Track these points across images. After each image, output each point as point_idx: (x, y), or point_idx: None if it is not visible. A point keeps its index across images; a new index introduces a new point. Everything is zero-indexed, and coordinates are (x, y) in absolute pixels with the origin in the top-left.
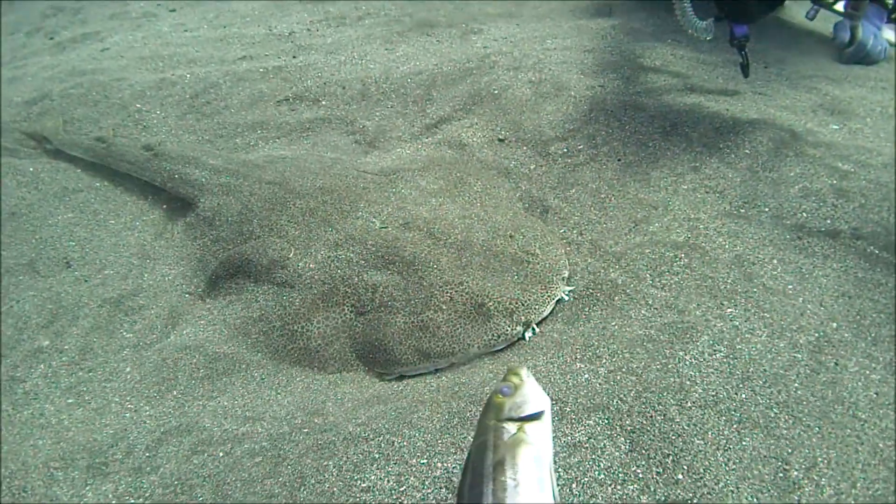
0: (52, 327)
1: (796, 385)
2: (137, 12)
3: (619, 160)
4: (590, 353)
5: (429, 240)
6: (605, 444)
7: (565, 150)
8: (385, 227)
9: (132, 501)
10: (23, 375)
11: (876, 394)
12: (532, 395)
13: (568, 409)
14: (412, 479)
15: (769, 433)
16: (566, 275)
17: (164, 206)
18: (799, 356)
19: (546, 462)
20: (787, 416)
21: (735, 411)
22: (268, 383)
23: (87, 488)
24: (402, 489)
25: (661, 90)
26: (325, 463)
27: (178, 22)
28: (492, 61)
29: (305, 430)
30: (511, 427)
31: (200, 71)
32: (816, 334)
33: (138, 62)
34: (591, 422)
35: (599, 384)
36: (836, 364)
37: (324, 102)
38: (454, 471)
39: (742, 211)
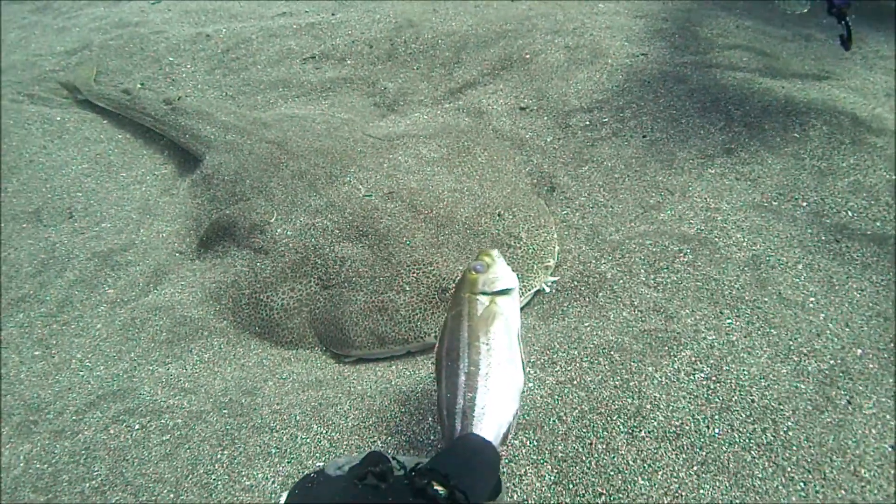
0: (39, 277)
1: (790, 423)
2: None
3: (644, 136)
4: (545, 358)
5: (408, 212)
6: (526, 472)
7: (588, 122)
8: (369, 196)
9: (37, 465)
10: (2, 323)
11: (892, 448)
12: (503, 273)
13: None
14: None
15: (738, 482)
16: (551, 264)
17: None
18: (802, 387)
19: (514, 330)
20: (766, 463)
21: (700, 449)
22: (223, 353)
23: (7, 447)
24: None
25: (710, 62)
26: (221, 452)
27: None
28: (531, 24)
29: (224, 412)
30: (484, 300)
31: (237, 26)
32: (832, 361)
33: (182, 16)
34: (516, 442)
35: (542, 397)
36: (849, 402)
37: (349, 62)
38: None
39: (774, 203)
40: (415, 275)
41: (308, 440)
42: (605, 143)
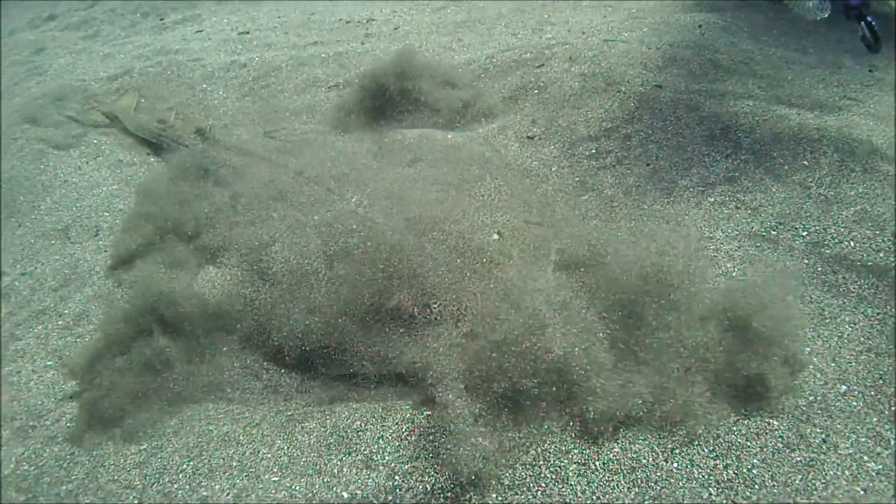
0: (61, 291)
1: (755, 461)
2: None
3: (647, 165)
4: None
5: None
6: (471, 497)
7: (594, 150)
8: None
9: (24, 467)
10: (21, 334)
11: (864, 491)
12: None
13: None
14: (252, 496)
15: None
16: None
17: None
18: (775, 423)
19: None
20: (724, 501)
21: (655, 483)
22: None
23: (3, 449)
24: None
25: (725, 90)
26: (188, 462)
27: (274, 7)
28: (551, 52)
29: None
30: None
31: (270, 55)
32: (811, 397)
33: (221, 44)
34: None
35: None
36: (825, 441)
37: None
38: (297, 495)
39: (773, 233)
40: None
41: (269, 455)
42: (608, 171)
